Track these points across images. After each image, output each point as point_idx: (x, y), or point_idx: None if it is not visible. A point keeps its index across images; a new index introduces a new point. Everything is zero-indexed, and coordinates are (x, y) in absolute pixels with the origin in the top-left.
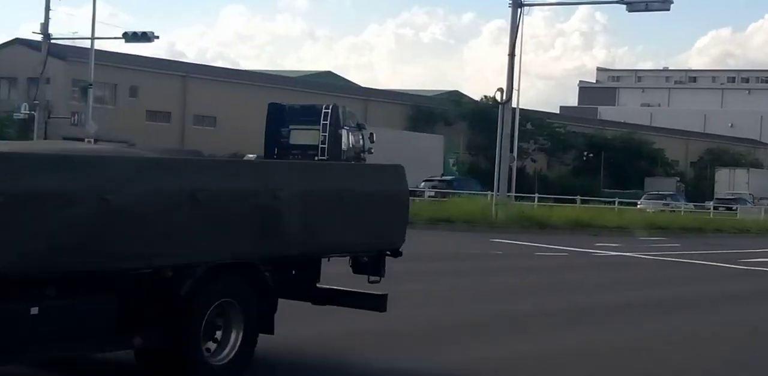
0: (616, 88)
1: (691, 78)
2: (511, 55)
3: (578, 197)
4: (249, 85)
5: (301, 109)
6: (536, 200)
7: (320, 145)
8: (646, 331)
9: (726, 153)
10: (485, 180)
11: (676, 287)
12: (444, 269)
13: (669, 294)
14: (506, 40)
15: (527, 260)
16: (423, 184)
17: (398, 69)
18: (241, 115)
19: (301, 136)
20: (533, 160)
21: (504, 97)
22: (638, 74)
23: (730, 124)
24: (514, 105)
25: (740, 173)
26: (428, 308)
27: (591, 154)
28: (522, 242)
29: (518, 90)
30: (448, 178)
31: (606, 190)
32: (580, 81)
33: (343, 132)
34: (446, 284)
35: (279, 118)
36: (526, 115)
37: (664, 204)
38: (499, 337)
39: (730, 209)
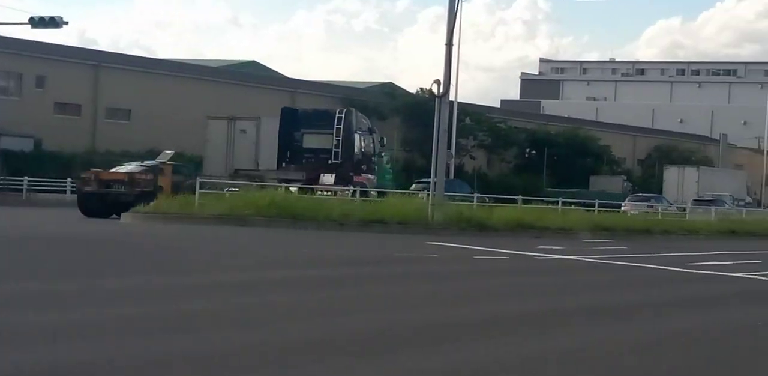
0: (560, 80)
1: (638, 70)
2: (449, 44)
3: (520, 197)
4: (167, 76)
5: (314, 113)
6: (475, 199)
7: (334, 149)
8: (590, 339)
9: (675, 150)
10: (420, 178)
11: (621, 291)
12: (375, 274)
13: (614, 299)
14: (444, 29)
15: (465, 263)
16: (414, 186)
17: (328, 59)
18: (158, 108)
19: (314, 140)
20: (472, 158)
21: (441, 90)
22: (583, 66)
23: (679, 120)
24: (452, 98)
25: (690, 171)
26: (357, 315)
27: (533, 151)
28: (460, 245)
29: (456, 82)
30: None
31: (549, 189)
32: (522, 73)
33: (356, 136)
34: (377, 289)
35: (292, 122)
36: (465, 109)
37: (648, 206)
38: (431, 347)
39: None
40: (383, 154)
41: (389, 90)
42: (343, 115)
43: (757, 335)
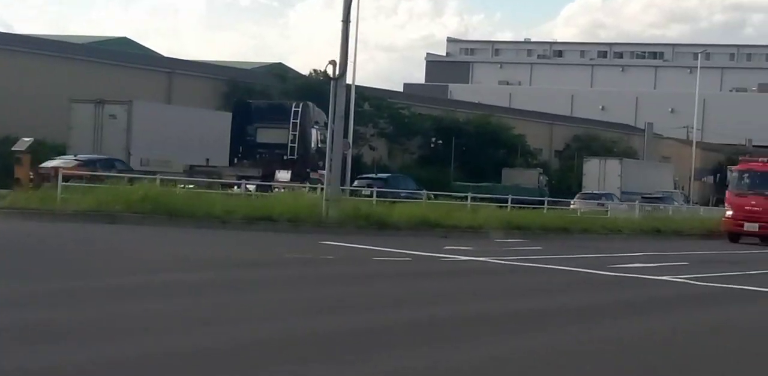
0: (469, 62)
1: (556, 52)
2: (346, 21)
3: (424, 192)
4: (25, 53)
5: (269, 107)
6: (374, 195)
7: (290, 145)
8: (497, 349)
9: (596, 140)
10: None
11: (534, 297)
12: (264, 277)
13: (526, 306)
14: (340, 4)
15: (363, 265)
16: (356, 182)
17: (210, 37)
18: (14, 89)
19: (268, 134)
20: (372, 148)
21: (337, 72)
22: (495, 47)
23: (600, 107)
24: (349, 81)
25: (612, 164)
26: (241, 324)
27: (440, 141)
28: (357, 245)
29: (354, 63)
30: (384, 176)
31: (458, 183)
32: (428, 54)
33: (313, 131)
34: (264, 295)
35: (245, 115)
36: (364, 93)
37: (598, 204)
38: (323, 359)
39: (658, 208)
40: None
41: (279, 71)
42: (299, 109)
43: (674, 345)
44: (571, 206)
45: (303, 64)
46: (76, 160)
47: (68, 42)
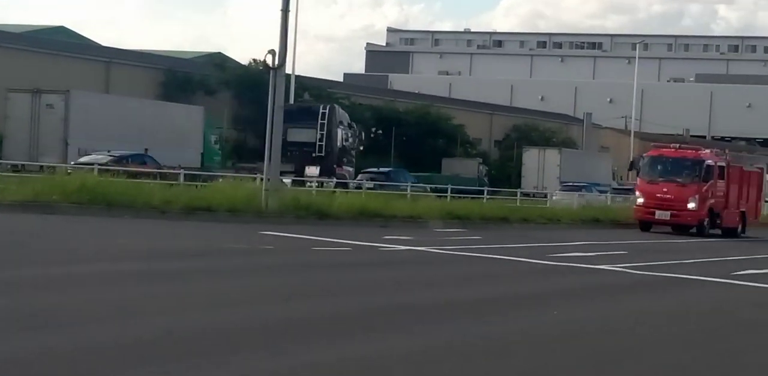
0: (409, 52)
1: (496, 42)
2: (285, 10)
3: (364, 181)
4: None
5: (298, 109)
6: (315, 184)
7: (318, 143)
8: (434, 338)
9: (535, 130)
10: (254, 160)
11: (471, 286)
12: (201, 268)
13: (464, 295)
14: None
15: (302, 255)
16: (360, 176)
17: (150, 27)
18: None
19: (298, 134)
20: None
21: (276, 61)
22: (435, 37)
23: (540, 97)
24: (288, 71)
25: (551, 154)
26: (179, 315)
27: (380, 131)
28: (297, 235)
29: (294, 53)
30: (386, 170)
31: None
32: (368, 44)
33: (338, 131)
34: (201, 285)
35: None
36: (304, 83)
37: (579, 196)
38: (258, 349)
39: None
40: (213, 134)
41: (219, 61)
42: (327, 111)
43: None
44: (554, 198)
45: (244, 55)
46: (110, 156)
47: (4, 31)
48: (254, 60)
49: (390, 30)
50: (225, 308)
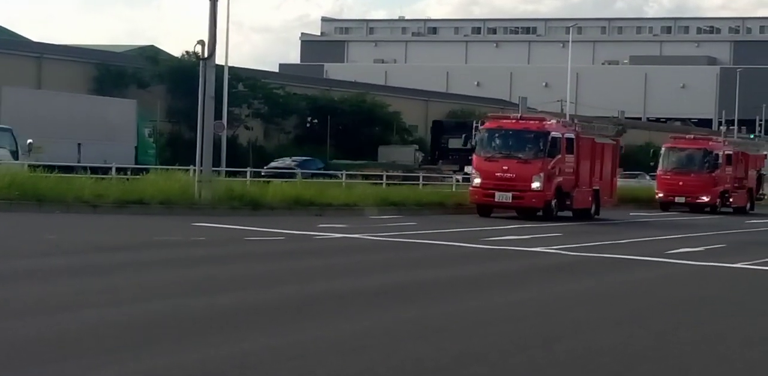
0: (344, 41)
1: (430, 29)
2: (213, 0)
3: (298, 170)
4: None
5: (455, 123)
6: (249, 174)
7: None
8: (366, 324)
9: (471, 115)
10: (189, 153)
11: (405, 272)
12: (131, 261)
13: (395, 281)
14: None
15: (234, 246)
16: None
17: (82, 21)
18: None
19: (455, 142)
20: (247, 128)
21: (206, 52)
22: (370, 25)
23: (476, 83)
24: (222, 62)
25: None
26: (106, 309)
27: (316, 120)
28: (230, 226)
29: (227, 44)
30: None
31: (334, 161)
32: (303, 34)
33: None
34: (134, 278)
35: (439, 130)
36: (238, 74)
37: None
38: (192, 338)
39: None
40: (146, 127)
41: (151, 54)
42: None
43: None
44: None
45: (178, 48)
46: (293, 161)
47: None
48: (187, 52)
49: (324, 19)
50: (149, 300)
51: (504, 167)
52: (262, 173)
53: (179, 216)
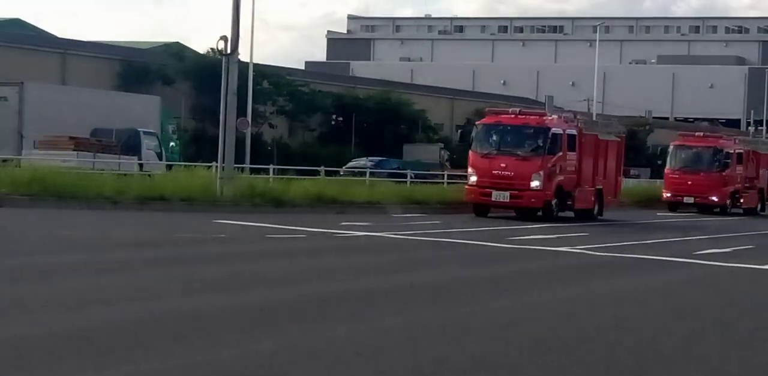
0: (370, 39)
1: (457, 28)
2: None
3: (322, 168)
4: None
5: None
6: (272, 172)
7: None
8: (388, 324)
9: None
10: (213, 150)
11: (425, 271)
12: (153, 258)
13: (418, 280)
14: None
15: (257, 243)
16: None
17: (108, 18)
18: None
19: None
20: (272, 126)
21: (229, 47)
22: (396, 23)
23: (502, 81)
24: (246, 59)
25: None
26: (119, 306)
27: (341, 118)
28: (252, 223)
29: (252, 41)
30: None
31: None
32: (329, 31)
33: None
34: (153, 274)
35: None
36: (263, 71)
37: None
38: (210, 337)
39: None
40: (170, 123)
41: (176, 50)
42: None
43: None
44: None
45: (204, 45)
46: (370, 161)
47: None
48: (212, 49)
49: (351, 17)
50: (166, 298)
51: (502, 165)
52: (341, 173)
53: (200, 213)
